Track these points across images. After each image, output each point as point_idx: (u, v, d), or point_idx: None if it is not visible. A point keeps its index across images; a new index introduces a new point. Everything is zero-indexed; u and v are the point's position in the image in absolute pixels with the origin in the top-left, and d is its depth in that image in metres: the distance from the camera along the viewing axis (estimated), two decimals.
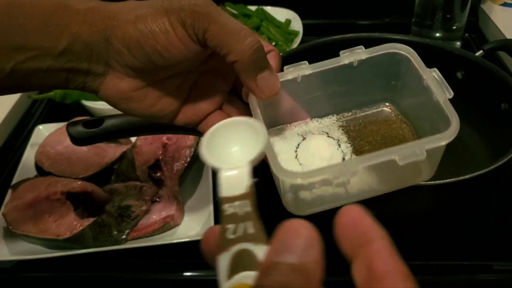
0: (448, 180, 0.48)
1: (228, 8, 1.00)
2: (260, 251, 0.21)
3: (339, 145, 0.43)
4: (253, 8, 1.00)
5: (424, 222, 0.59)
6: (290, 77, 0.41)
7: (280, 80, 0.40)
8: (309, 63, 0.44)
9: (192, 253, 0.57)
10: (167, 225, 0.58)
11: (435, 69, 0.40)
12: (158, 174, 0.63)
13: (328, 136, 0.43)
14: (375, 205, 0.56)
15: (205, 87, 0.42)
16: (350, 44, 0.71)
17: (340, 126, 0.45)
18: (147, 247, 0.56)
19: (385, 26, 1.02)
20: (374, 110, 0.46)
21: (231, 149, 0.26)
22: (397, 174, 0.39)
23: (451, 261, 0.55)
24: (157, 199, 0.62)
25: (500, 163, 0.49)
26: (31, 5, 0.35)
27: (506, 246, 0.57)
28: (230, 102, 0.43)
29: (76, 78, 0.38)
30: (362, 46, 0.42)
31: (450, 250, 0.57)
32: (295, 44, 0.91)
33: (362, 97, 0.45)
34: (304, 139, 0.43)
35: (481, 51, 0.71)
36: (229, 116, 0.42)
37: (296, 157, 0.41)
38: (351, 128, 0.45)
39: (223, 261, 0.21)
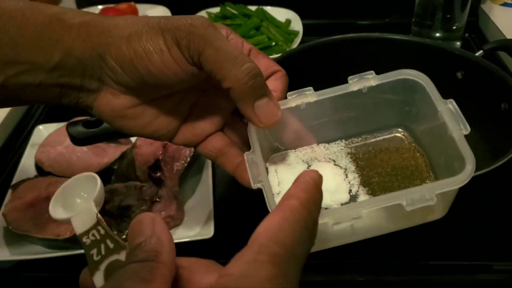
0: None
1: (228, 8, 1.00)
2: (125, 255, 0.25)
3: (346, 174, 0.40)
4: (253, 8, 1.00)
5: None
6: (293, 104, 0.39)
7: (283, 107, 0.38)
8: (310, 63, 0.44)
9: (192, 253, 0.57)
10: (167, 225, 0.58)
11: (451, 100, 0.37)
12: (158, 174, 0.63)
13: (335, 164, 0.41)
14: None
15: (206, 106, 0.40)
16: (350, 44, 0.72)
17: (348, 153, 0.42)
18: None
19: (385, 26, 1.02)
20: (386, 136, 0.43)
21: (76, 198, 0.32)
22: (406, 215, 0.36)
23: (451, 261, 0.55)
24: (157, 199, 0.62)
25: (500, 163, 0.49)
26: (23, 19, 0.34)
27: (506, 246, 0.57)
28: (233, 123, 0.41)
29: (69, 94, 0.36)
30: (372, 72, 0.39)
31: (450, 250, 0.57)
32: (295, 44, 0.91)
33: (374, 122, 0.43)
34: (309, 166, 0.41)
35: (481, 51, 0.71)
36: (230, 138, 0.40)
37: None
38: (360, 156, 0.42)
39: (98, 278, 0.25)
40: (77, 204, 0.32)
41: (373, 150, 0.42)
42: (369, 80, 0.39)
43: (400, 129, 0.43)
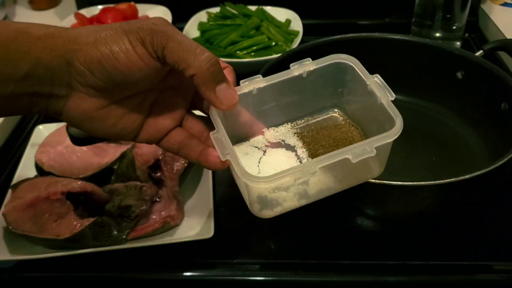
0: (448, 180, 0.48)
1: (228, 8, 1.00)
2: None
3: (296, 150, 0.46)
4: (253, 8, 1.00)
5: (424, 222, 0.59)
6: (246, 90, 0.44)
7: (238, 93, 0.42)
8: None
9: (192, 253, 0.57)
10: (167, 225, 0.58)
11: (377, 75, 0.43)
12: (158, 174, 0.63)
13: (286, 148, 0.46)
14: (376, 205, 0.56)
15: (165, 104, 0.43)
16: (350, 44, 0.72)
17: (295, 133, 0.48)
18: (147, 247, 0.56)
19: (385, 26, 1.02)
20: (325, 116, 0.50)
21: None
22: (350, 172, 0.43)
23: (451, 261, 0.55)
24: (157, 199, 0.62)
25: (500, 163, 0.49)
26: None
27: (506, 246, 0.57)
28: (190, 118, 0.44)
29: (39, 102, 0.38)
30: (309, 58, 0.45)
31: (450, 250, 0.57)
32: (295, 44, 0.91)
33: (313, 105, 0.49)
34: (264, 152, 0.46)
35: (481, 51, 0.71)
36: (189, 132, 0.44)
37: (259, 172, 0.44)
38: (305, 134, 0.48)
39: None
40: None
41: (315, 128, 0.49)
42: (308, 65, 0.45)
43: (335, 109, 0.50)
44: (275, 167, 0.44)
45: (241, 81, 0.44)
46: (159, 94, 0.43)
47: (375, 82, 0.43)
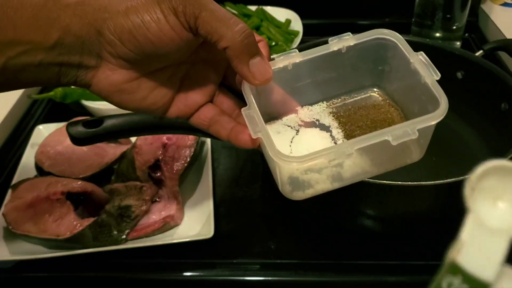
0: (448, 180, 0.48)
1: (228, 8, 1.00)
2: None
3: (331, 131, 0.44)
4: (253, 8, 1.00)
5: (424, 222, 0.59)
6: (281, 65, 0.41)
7: (273, 68, 0.40)
8: None
9: (192, 253, 0.57)
10: (167, 225, 0.58)
11: (421, 52, 0.40)
12: (158, 174, 0.63)
13: (320, 128, 0.44)
14: (376, 205, 0.56)
15: (196, 78, 0.41)
16: None
17: (330, 113, 0.45)
18: (147, 247, 0.56)
19: (385, 26, 1.01)
20: (363, 96, 0.47)
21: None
22: (388, 155, 0.40)
23: None
24: (157, 199, 0.62)
25: None
26: (20, 1, 0.35)
27: None
28: (221, 94, 0.43)
29: (68, 72, 0.37)
30: (349, 33, 0.42)
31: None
32: (295, 44, 0.91)
33: (351, 83, 0.46)
34: (297, 132, 0.43)
35: (481, 51, 0.71)
36: (220, 108, 0.42)
37: (291, 152, 0.42)
38: (341, 114, 0.45)
39: None
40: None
41: (352, 108, 0.46)
42: (348, 40, 0.42)
43: (375, 89, 0.47)
44: (308, 148, 0.41)
45: (275, 56, 0.42)
46: (190, 67, 0.41)
47: (419, 60, 0.40)
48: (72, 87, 0.75)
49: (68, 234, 0.55)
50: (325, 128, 0.44)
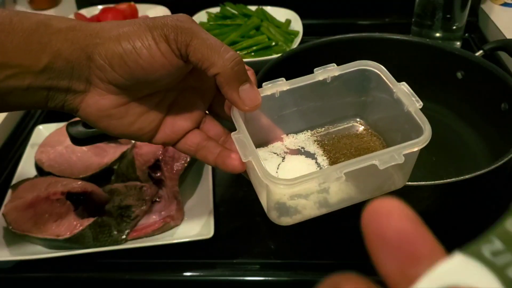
0: (448, 180, 0.48)
1: (228, 8, 1.00)
2: None
3: (316, 158, 0.45)
4: (253, 8, 1.00)
5: (424, 222, 0.59)
6: (268, 92, 0.42)
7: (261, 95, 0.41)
8: (310, 63, 0.45)
9: (192, 253, 0.57)
10: (167, 225, 0.58)
11: (403, 83, 0.42)
12: (158, 174, 0.63)
13: (305, 156, 0.45)
14: None
15: (184, 105, 0.42)
16: (350, 44, 0.72)
17: (315, 141, 0.47)
18: (147, 247, 0.56)
19: (385, 26, 1.02)
20: (346, 125, 0.48)
21: None
22: (373, 182, 0.41)
23: None
24: (157, 199, 0.62)
25: (500, 163, 0.49)
26: (11, 25, 0.35)
27: None
28: (208, 120, 0.43)
29: (56, 97, 0.37)
30: (334, 64, 0.44)
31: (450, 250, 0.57)
32: (295, 44, 0.91)
33: (335, 112, 0.48)
34: (283, 159, 0.45)
35: (481, 51, 0.71)
36: (207, 134, 0.42)
37: None
38: (326, 142, 0.47)
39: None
40: None
41: (336, 137, 0.47)
42: (332, 70, 0.43)
43: (357, 119, 0.48)
44: (294, 174, 0.41)
45: (263, 84, 0.43)
46: (178, 94, 0.42)
47: (402, 90, 0.41)
48: None
49: (68, 234, 0.55)
50: (310, 155, 0.45)
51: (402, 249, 0.16)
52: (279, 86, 0.43)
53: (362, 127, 0.48)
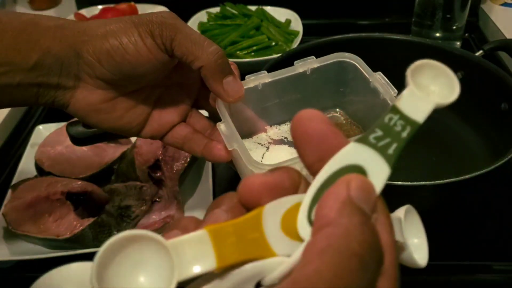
0: (448, 180, 0.48)
1: (228, 8, 1.00)
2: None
3: None
4: (253, 8, 1.00)
5: (424, 222, 0.59)
6: (251, 85, 0.44)
7: (245, 87, 0.42)
8: None
9: None
10: (167, 225, 0.58)
11: (379, 72, 0.43)
12: (158, 174, 0.63)
13: (288, 145, 0.47)
14: None
15: (170, 100, 0.43)
16: (350, 44, 0.72)
17: None
18: None
19: (385, 26, 1.02)
20: (326, 116, 0.50)
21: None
22: None
23: (451, 261, 0.55)
24: (157, 199, 0.62)
25: (500, 163, 0.49)
26: (1, 24, 0.36)
27: (506, 246, 0.57)
28: (194, 114, 0.45)
29: (46, 93, 0.38)
30: (313, 56, 0.45)
31: (450, 250, 0.57)
32: (295, 44, 0.91)
33: (315, 104, 0.49)
34: (267, 149, 0.46)
35: (481, 51, 0.71)
36: (194, 128, 0.44)
37: None
38: None
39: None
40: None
41: None
42: (311, 63, 0.45)
43: (337, 109, 0.50)
44: (278, 163, 0.44)
45: (246, 76, 0.44)
46: (164, 90, 0.43)
47: (378, 79, 0.43)
48: None
49: (68, 234, 0.55)
50: (293, 145, 0.45)
51: (320, 143, 0.21)
52: (261, 78, 0.45)
53: (342, 116, 0.50)
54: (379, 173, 0.21)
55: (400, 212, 0.25)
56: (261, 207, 0.21)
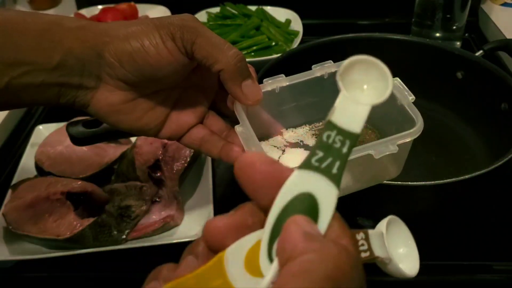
0: (448, 180, 0.48)
1: (228, 8, 1.00)
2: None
3: None
4: (253, 8, 1.00)
5: (424, 222, 0.59)
6: (269, 88, 0.44)
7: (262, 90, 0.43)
8: (309, 63, 0.46)
9: None
10: (167, 225, 0.58)
11: (397, 78, 0.43)
12: (158, 174, 0.63)
13: (304, 149, 0.47)
14: (375, 205, 0.56)
15: (188, 102, 0.44)
16: (350, 44, 0.72)
17: (313, 135, 0.48)
18: (147, 247, 0.56)
19: (385, 26, 1.02)
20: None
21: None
22: (368, 172, 0.43)
23: (451, 261, 0.55)
24: (157, 199, 0.62)
25: (500, 163, 0.49)
26: (24, 24, 0.37)
27: (506, 246, 0.57)
28: (211, 116, 0.45)
29: (67, 93, 0.39)
30: (331, 61, 0.46)
31: (450, 250, 0.57)
32: (295, 44, 0.91)
33: (332, 107, 0.47)
34: (283, 151, 0.46)
35: (481, 51, 0.71)
36: (211, 129, 0.44)
37: None
38: None
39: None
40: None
41: None
42: (329, 67, 0.45)
43: None
44: (294, 165, 0.44)
45: (264, 80, 0.45)
46: (182, 91, 0.44)
47: (395, 84, 0.43)
48: None
49: (68, 234, 0.55)
50: (309, 148, 0.47)
51: (268, 185, 0.21)
52: (279, 82, 0.45)
53: None
54: (327, 195, 0.21)
55: (382, 226, 0.25)
56: (222, 252, 0.21)
